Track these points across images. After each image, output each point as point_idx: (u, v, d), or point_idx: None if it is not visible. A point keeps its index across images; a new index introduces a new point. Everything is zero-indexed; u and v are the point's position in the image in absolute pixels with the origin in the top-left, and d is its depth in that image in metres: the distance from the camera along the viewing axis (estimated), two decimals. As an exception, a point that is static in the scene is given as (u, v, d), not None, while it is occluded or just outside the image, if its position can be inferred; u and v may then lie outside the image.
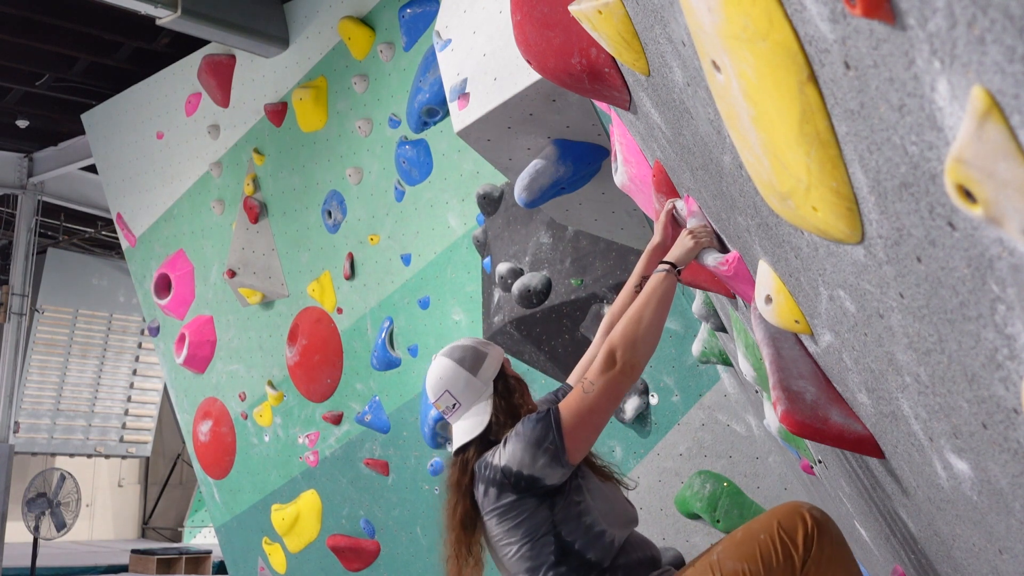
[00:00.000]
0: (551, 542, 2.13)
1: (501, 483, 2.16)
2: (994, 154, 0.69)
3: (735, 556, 2.04)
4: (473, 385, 2.27)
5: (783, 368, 1.73)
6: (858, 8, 0.76)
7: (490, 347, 2.36)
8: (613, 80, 2.11)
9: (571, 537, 2.13)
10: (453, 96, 3.58)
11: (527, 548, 2.15)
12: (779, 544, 2.01)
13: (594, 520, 2.16)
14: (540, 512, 2.14)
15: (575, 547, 2.13)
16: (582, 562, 2.13)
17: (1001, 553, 1.22)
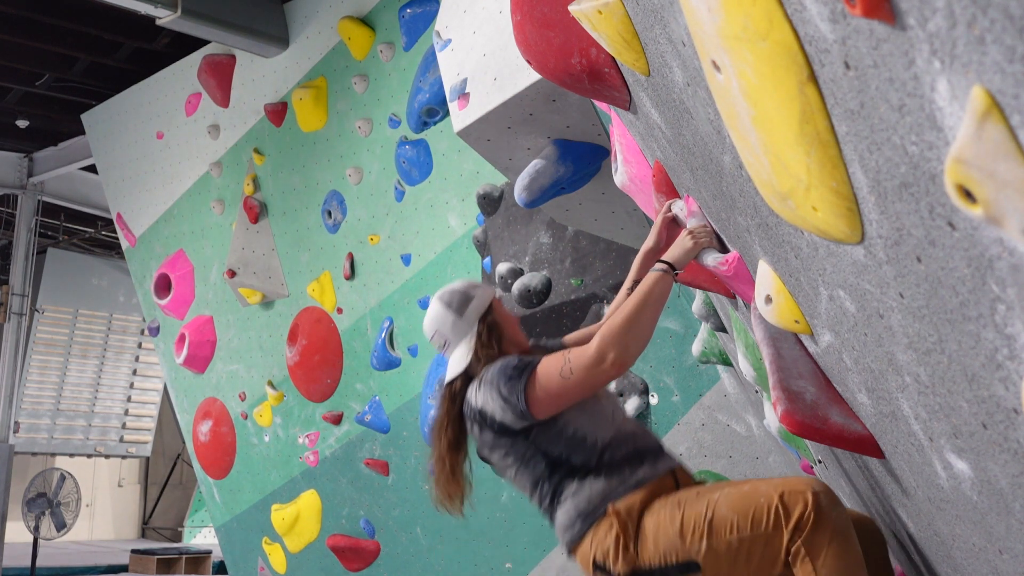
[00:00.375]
0: (539, 460, 2.31)
1: (480, 423, 2.35)
2: (994, 154, 0.69)
3: (731, 505, 2.10)
4: (459, 326, 2.46)
5: (783, 368, 1.73)
6: (858, 8, 0.76)
7: (478, 289, 2.52)
8: (613, 80, 2.11)
9: (555, 451, 2.30)
10: (453, 96, 3.58)
11: (521, 470, 2.34)
12: (773, 514, 2.04)
13: (574, 429, 2.30)
14: (519, 442, 2.32)
15: (561, 457, 2.29)
16: (570, 468, 2.29)
17: (1001, 553, 1.22)
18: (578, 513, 2.27)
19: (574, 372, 2.21)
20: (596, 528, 2.24)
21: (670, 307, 4.71)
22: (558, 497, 2.31)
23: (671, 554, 2.12)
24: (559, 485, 2.30)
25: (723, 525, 2.07)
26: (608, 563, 2.19)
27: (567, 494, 2.29)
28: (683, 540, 2.11)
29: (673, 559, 2.11)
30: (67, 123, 9.14)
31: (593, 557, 2.23)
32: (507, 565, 5.52)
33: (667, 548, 2.13)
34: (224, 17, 6.31)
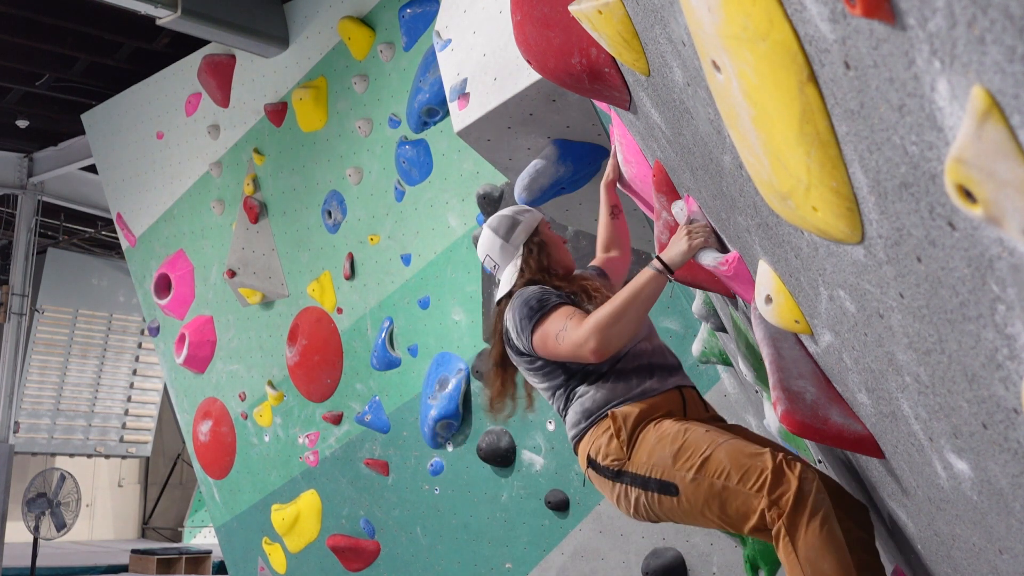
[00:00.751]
0: (559, 371, 2.50)
1: (506, 340, 2.58)
2: (994, 154, 0.69)
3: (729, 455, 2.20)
4: (506, 249, 2.68)
5: (783, 368, 1.73)
6: (858, 8, 0.76)
7: (524, 215, 2.72)
8: (613, 80, 2.11)
9: (574, 363, 2.47)
10: (453, 96, 3.58)
11: (542, 379, 2.55)
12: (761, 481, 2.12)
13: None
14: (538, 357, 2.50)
15: (578, 367, 2.47)
16: (584, 374, 2.47)
17: (1001, 553, 1.22)
18: (583, 412, 2.45)
19: (562, 343, 2.38)
20: (595, 428, 2.42)
21: (670, 307, 4.70)
22: (570, 400, 2.50)
23: (657, 470, 2.27)
24: (572, 390, 2.49)
25: (716, 467, 2.19)
26: (598, 458, 2.38)
27: (576, 396, 2.48)
28: (674, 463, 2.24)
29: (657, 474, 2.26)
30: (67, 123, 9.14)
31: (588, 452, 2.41)
32: (507, 565, 5.52)
33: (656, 463, 2.27)
34: (224, 17, 6.31)
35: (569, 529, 5.23)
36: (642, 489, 2.30)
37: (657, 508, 2.30)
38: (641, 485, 2.30)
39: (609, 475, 2.37)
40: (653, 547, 4.86)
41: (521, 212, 2.74)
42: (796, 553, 2.04)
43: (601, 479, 2.41)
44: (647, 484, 2.29)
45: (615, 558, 5.02)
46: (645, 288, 2.29)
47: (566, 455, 5.21)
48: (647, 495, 2.29)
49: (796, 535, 2.05)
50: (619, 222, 2.99)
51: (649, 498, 2.29)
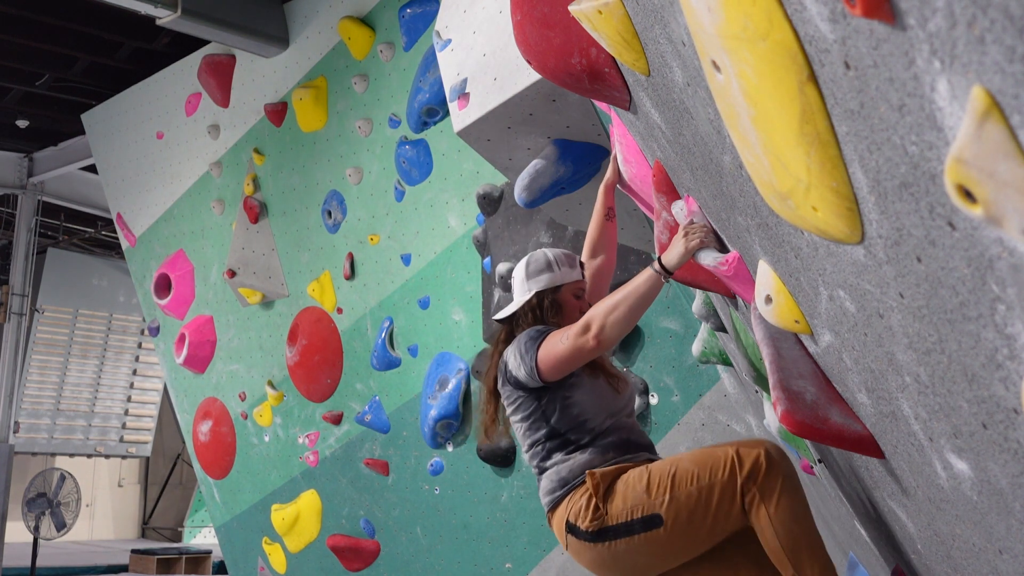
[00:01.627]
0: (543, 425, 2.55)
1: (504, 375, 2.60)
2: (994, 154, 0.69)
3: (692, 459, 2.34)
4: (524, 284, 2.72)
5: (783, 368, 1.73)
6: (858, 8, 0.76)
7: (561, 267, 2.72)
8: (613, 80, 2.11)
9: (558, 424, 2.54)
10: (453, 96, 3.58)
11: (526, 427, 2.59)
12: (729, 464, 2.26)
13: (580, 411, 2.54)
14: (530, 401, 2.56)
15: (560, 430, 2.53)
16: (564, 441, 2.52)
17: (1001, 553, 1.22)
18: (560, 481, 2.49)
19: (565, 342, 2.44)
20: (572, 494, 2.44)
21: (670, 307, 4.70)
22: (546, 462, 2.53)
23: (637, 509, 2.31)
24: (551, 452, 2.53)
25: (684, 477, 2.29)
26: (578, 522, 2.39)
27: (554, 461, 2.52)
28: (649, 495, 2.31)
29: (638, 514, 2.31)
30: (67, 123, 9.14)
31: (567, 518, 2.43)
32: (507, 565, 5.52)
33: (634, 504, 2.32)
34: (224, 17, 6.31)
35: (569, 529, 5.23)
36: (627, 536, 2.31)
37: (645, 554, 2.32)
38: (625, 532, 2.32)
39: (590, 538, 2.36)
40: (653, 547, 4.86)
41: (560, 263, 2.72)
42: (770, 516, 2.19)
43: (582, 545, 2.39)
44: (631, 528, 2.31)
45: (615, 558, 5.01)
46: (642, 287, 2.34)
47: (566, 455, 5.21)
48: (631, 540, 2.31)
49: (769, 501, 2.21)
50: (612, 225, 3.00)
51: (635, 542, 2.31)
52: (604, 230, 2.96)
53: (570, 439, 2.52)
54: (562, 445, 2.53)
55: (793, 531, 2.20)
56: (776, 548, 2.21)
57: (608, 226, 2.98)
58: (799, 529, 2.21)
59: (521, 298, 2.70)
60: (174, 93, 7.58)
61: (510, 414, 2.64)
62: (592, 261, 2.98)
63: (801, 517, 2.22)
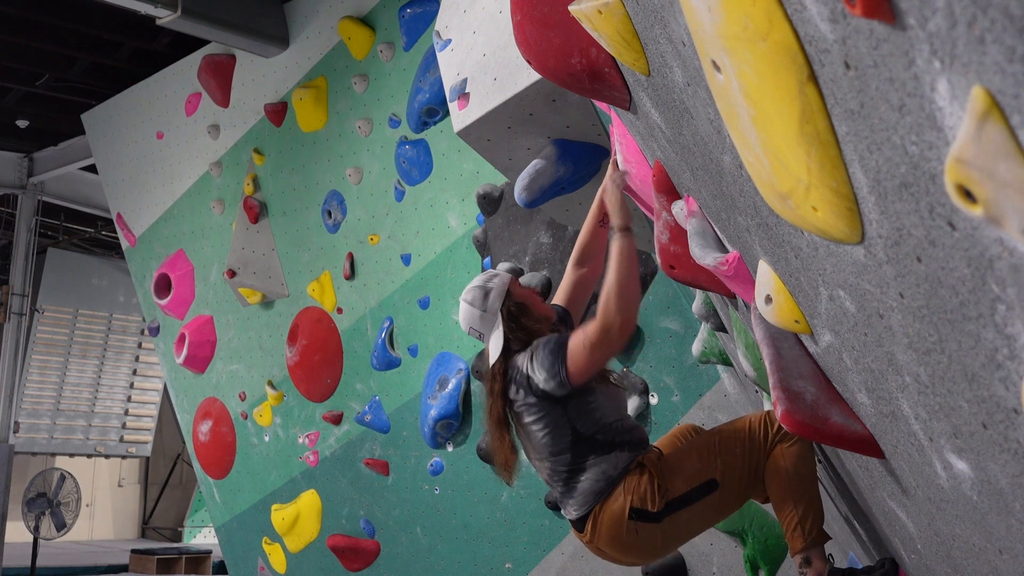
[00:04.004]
0: (568, 432, 2.66)
1: (526, 387, 2.68)
2: (994, 154, 0.69)
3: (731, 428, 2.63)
4: (486, 318, 2.80)
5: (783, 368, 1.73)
6: (858, 8, 0.76)
7: (493, 280, 2.84)
8: (613, 80, 2.11)
9: (583, 428, 2.66)
10: (453, 96, 3.58)
11: (550, 436, 2.68)
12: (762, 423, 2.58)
13: (603, 414, 2.69)
14: (556, 410, 2.67)
15: (586, 434, 2.66)
16: (593, 443, 2.66)
17: (1001, 553, 1.22)
18: (606, 478, 2.62)
19: (590, 341, 2.56)
20: (625, 482, 2.60)
21: (670, 307, 4.70)
22: (581, 465, 2.66)
23: (694, 479, 2.56)
24: (582, 457, 2.66)
25: (729, 442, 2.58)
26: (647, 504, 2.56)
27: (591, 463, 2.65)
28: (703, 463, 2.57)
29: (696, 482, 2.55)
30: (67, 123, 9.14)
31: (630, 504, 2.57)
32: (507, 565, 5.52)
33: (691, 475, 2.56)
34: (224, 17, 6.31)
35: (569, 529, 5.23)
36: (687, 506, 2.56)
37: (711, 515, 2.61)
38: (686, 503, 2.56)
39: (658, 517, 2.56)
40: (653, 547, 4.86)
41: (490, 279, 2.85)
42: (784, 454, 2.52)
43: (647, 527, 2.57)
44: (690, 498, 2.56)
45: (615, 558, 5.01)
46: (621, 252, 2.60)
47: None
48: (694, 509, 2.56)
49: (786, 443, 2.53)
50: (604, 232, 2.99)
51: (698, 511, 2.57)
52: (595, 236, 2.97)
53: (598, 439, 2.66)
54: (593, 447, 2.66)
55: (801, 472, 2.50)
56: (783, 482, 2.51)
57: (600, 232, 2.97)
58: (806, 472, 2.51)
59: (498, 328, 2.77)
60: (174, 93, 7.58)
61: (531, 424, 2.71)
62: (578, 269, 2.99)
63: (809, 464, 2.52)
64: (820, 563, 2.49)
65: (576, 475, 2.66)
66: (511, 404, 2.75)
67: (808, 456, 2.53)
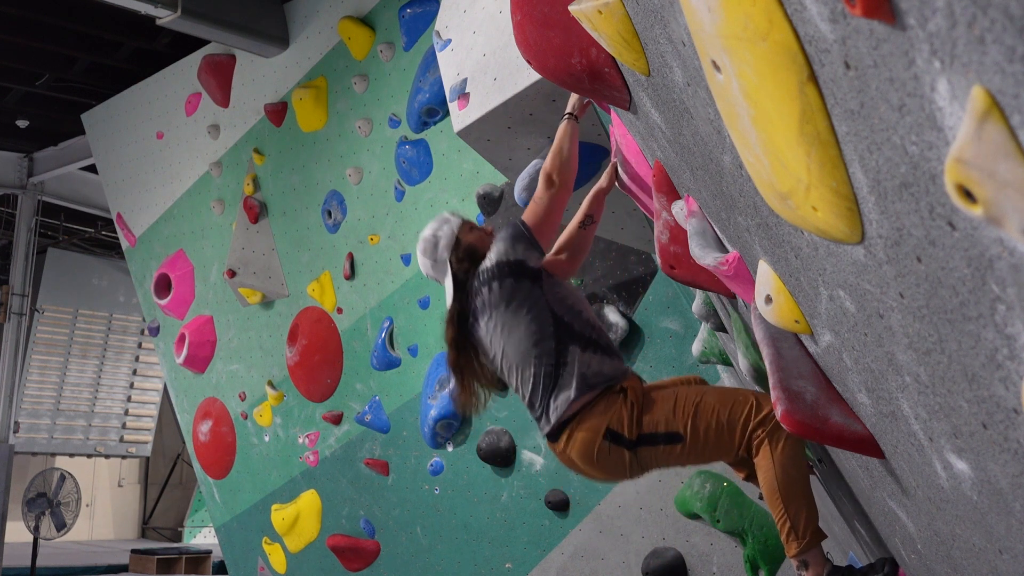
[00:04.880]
0: (548, 315, 2.75)
1: (499, 273, 2.79)
2: (994, 154, 0.69)
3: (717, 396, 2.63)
4: (438, 266, 2.93)
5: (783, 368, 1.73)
6: (858, 8, 0.76)
7: (443, 227, 2.94)
8: (613, 80, 2.11)
9: (560, 311, 2.76)
10: (453, 96, 3.58)
11: (532, 321, 2.75)
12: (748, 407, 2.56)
13: (573, 301, 2.81)
14: (534, 290, 2.77)
15: (564, 320, 2.75)
16: (571, 333, 2.75)
17: (1001, 553, 1.22)
18: (585, 382, 2.68)
19: (543, 198, 2.83)
20: (607, 400, 2.66)
21: (670, 307, 4.71)
22: (564, 358, 2.72)
23: (662, 425, 2.61)
24: (563, 347, 2.72)
25: (707, 409, 2.59)
26: (622, 430, 2.62)
27: (572, 355, 2.71)
28: (675, 415, 2.61)
29: (662, 428, 2.61)
30: (67, 123, 9.14)
31: (608, 425, 2.63)
32: (507, 565, 5.52)
33: (660, 420, 2.61)
34: (224, 17, 6.31)
35: (569, 529, 5.23)
36: (650, 445, 2.61)
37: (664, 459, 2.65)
38: (650, 442, 2.61)
39: (629, 445, 2.63)
40: (653, 547, 4.86)
41: (440, 226, 2.95)
42: (772, 456, 2.49)
43: (615, 450, 2.64)
44: (655, 439, 2.61)
45: (615, 558, 5.02)
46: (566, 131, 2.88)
47: (566, 455, 5.21)
48: (654, 450, 2.62)
49: (775, 444, 2.49)
50: (585, 234, 2.99)
51: (656, 452, 2.62)
52: (575, 235, 2.97)
53: (575, 329, 2.74)
54: (573, 336, 2.74)
55: (791, 474, 2.49)
56: (773, 486, 2.49)
57: (581, 233, 2.97)
58: (796, 473, 2.49)
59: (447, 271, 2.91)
60: (174, 93, 7.58)
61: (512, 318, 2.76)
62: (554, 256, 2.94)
63: (799, 465, 2.51)
64: (818, 564, 2.48)
65: (559, 371, 2.70)
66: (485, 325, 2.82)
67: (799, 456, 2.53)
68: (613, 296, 4.90)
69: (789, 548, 2.49)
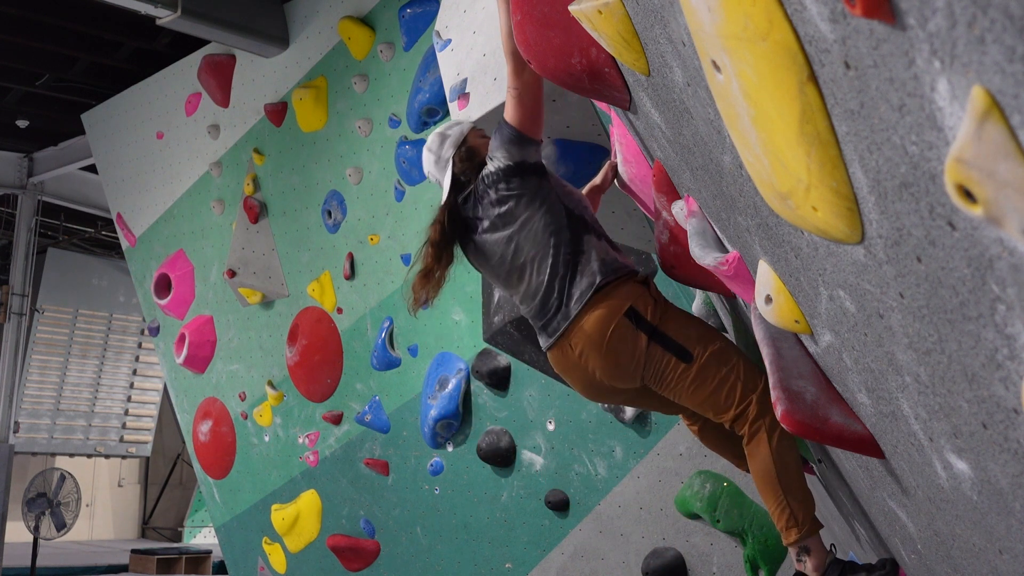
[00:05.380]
0: (560, 207, 2.74)
1: (505, 176, 2.75)
2: (994, 154, 0.69)
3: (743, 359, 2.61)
4: (439, 164, 2.92)
5: (783, 368, 1.73)
6: (858, 8, 0.76)
7: (453, 128, 2.94)
8: (613, 80, 2.11)
9: (568, 203, 2.75)
10: (453, 96, 3.58)
11: (547, 213, 2.73)
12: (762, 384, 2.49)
13: (580, 198, 2.81)
14: (543, 184, 2.76)
15: (575, 211, 2.75)
16: (584, 223, 2.74)
17: (1001, 553, 1.22)
18: (606, 266, 2.68)
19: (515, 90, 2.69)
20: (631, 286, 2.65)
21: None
22: (580, 247, 2.71)
23: (682, 338, 2.60)
24: (578, 236, 2.71)
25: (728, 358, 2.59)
26: (646, 312, 2.63)
27: (588, 246, 2.71)
28: (698, 339, 2.60)
29: (682, 341, 2.60)
30: (67, 123, 9.14)
31: (632, 305, 2.63)
32: (507, 565, 5.52)
33: (683, 332, 2.61)
34: (224, 17, 6.31)
35: (569, 529, 5.23)
36: (663, 348, 2.60)
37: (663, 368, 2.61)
38: (663, 344, 2.60)
39: (647, 329, 2.61)
40: (653, 547, 4.86)
41: (450, 127, 2.95)
42: (771, 446, 2.49)
43: (630, 332, 2.62)
44: (669, 345, 2.59)
45: (615, 558, 5.02)
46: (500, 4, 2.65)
47: (566, 455, 5.21)
48: (664, 355, 2.59)
49: (774, 433, 2.49)
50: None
51: (664, 358, 2.60)
52: None
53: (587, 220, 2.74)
54: (586, 227, 2.73)
55: (787, 463, 2.50)
56: (771, 473, 2.50)
57: None
58: (792, 463, 2.51)
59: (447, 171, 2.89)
60: (174, 93, 7.58)
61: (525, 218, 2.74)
62: None
63: (796, 455, 2.53)
64: (819, 552, 2.47)
65: (578, 258, 2.69)
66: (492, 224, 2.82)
67: (795, 446, 2.53)
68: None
69: (788, 535, 2.48)
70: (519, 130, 2.73)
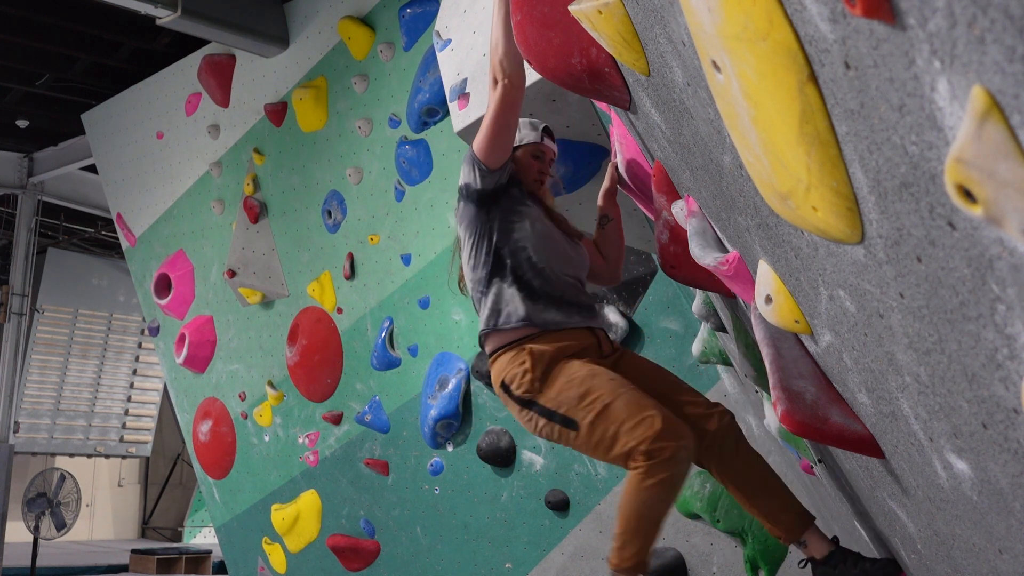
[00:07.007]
0: (489, 244, 2.70)
1: (459, 195, 2.76)
2: (994, 154, 0.69)
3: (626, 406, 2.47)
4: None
5: (783, 368, 1.73)
6: (858, 8, 0.76)
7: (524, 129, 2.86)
8: (613, 80, 2.11)
9: (500, 244, 2.70)
10: (453, 96, 3.58)
11: (473, 248, 2.72)
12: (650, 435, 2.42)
13: (523, 241, 2.70)
14: (480, 214, 2.71)
15: (502, 252, 2.69)
16: (502, 265, 2.69)
17: (1001, 553, 1.22)
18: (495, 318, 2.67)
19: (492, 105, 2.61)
20: (510, 354, 2.62)
21: (670, 307, 4.70)
22: (488, 287, 2.70)
23: (564, 407, 2.53)
24: (491, 276, 2.69)
25: (611, 416, 2.48)
26: (512, 386, 2.61)
27: (492, 289, 2.69)
28: (578, 404, 2.51)
29: (563, 411, 2.53)
30: (67, 123, 9.14)
31: (503, 379, 2.63)
32: (507, 565, 5.52)
33: (563, 402, 2.53)
34: (224, 17, 6.31)
35: (569, 529, 5.23)
36: (547, 419, 2.56)
37: (557, 435, 2.58)
38: (547, 416, 2.56)
39: (520, 403, 2.60)
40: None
41: (524, 125, 2.87)
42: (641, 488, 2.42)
43: (510, 402, 2.64)
44: (552, 416, 2.55)
45: (615, 558, 5.01)
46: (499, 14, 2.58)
47: (566, 455, 5.21)
48: (550, 424, 2.56)
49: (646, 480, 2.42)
50: (609, 232, 3.04)
51: (551, 427, 2.57)
52: (599, 236, 3.06)
53: (507, 265, 2.67)
54: (502, 271, 2.68)
55: (650, 509, 2.44)
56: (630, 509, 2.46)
57: (603, 233, 3.04)
58: (654, 512, 2.45)
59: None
60: (174, 93, 7.58)
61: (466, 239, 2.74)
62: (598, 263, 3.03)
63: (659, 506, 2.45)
64: (819, 541, 2.47)
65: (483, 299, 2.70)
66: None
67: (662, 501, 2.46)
68: (613, 296, 4.90)
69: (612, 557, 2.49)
70: (475, 152, 2.70)
